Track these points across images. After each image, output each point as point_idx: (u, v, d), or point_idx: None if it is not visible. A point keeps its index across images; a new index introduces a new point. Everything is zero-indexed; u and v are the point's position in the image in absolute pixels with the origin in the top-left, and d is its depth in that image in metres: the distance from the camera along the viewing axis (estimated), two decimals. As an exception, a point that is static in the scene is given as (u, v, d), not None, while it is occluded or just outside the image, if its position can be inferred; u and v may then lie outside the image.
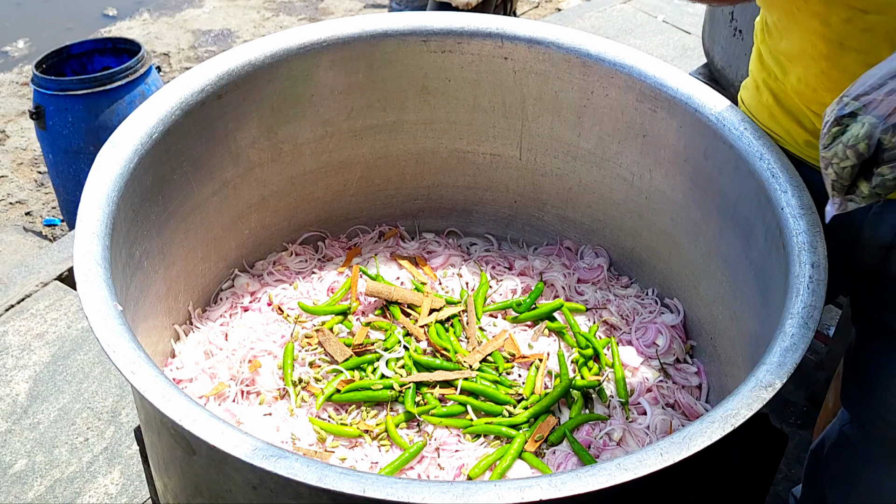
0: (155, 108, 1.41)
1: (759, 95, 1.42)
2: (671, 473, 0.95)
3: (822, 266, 1.20)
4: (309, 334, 1.59)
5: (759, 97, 1.42)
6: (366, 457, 1.38)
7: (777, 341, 1.10)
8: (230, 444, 0.95)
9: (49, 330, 2.40)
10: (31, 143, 3.93)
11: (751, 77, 1.46)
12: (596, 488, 0.91)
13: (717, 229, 1.51)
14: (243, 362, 1.54)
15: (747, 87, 1.48)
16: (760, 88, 1.41)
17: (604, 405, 1.51)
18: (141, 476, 2.02)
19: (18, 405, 2.19)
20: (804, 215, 1.27)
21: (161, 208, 1.45)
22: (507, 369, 1.53)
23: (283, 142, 1.67)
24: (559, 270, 1.79)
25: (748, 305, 1.40)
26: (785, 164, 1.35)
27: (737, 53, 2.15)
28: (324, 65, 1.62)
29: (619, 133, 1.65)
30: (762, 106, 1.41)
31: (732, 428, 0.98)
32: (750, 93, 1.46)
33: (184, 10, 5.15)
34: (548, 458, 1.39)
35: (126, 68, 2.99)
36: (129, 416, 2.17)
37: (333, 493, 0.91)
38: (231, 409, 1.46)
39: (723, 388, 1.52)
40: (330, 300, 1.68)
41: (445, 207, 1.92)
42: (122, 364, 1.03)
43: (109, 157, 1.32)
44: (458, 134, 1.80)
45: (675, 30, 4.16)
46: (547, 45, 1.62)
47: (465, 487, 0.91)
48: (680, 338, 1.65)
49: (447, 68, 1.69)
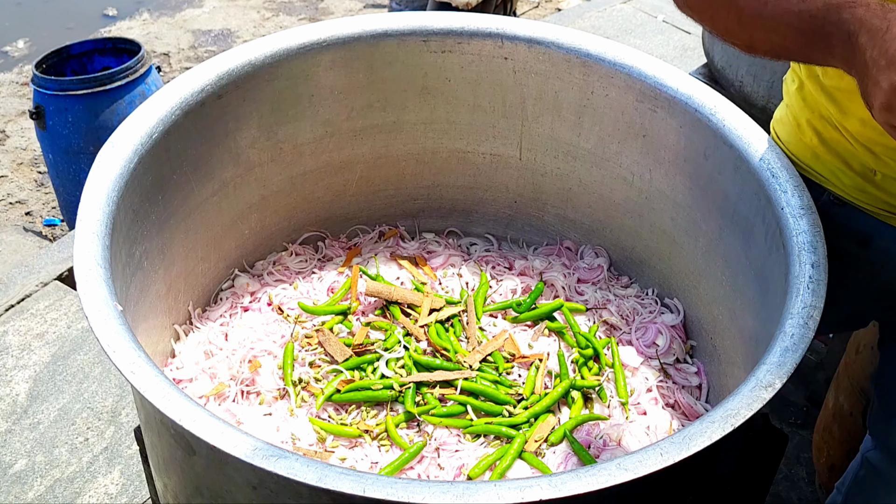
0: (155, 108, 1.41)
1: (800, 134, 1.36)
2: (671, 473, 0.95)
3: (822, 266, 1.20)
4: (309, 334, 1.59)
5: (801, 136, 1.36)
6: (366, 457, 1.38)
7: (777, 341, 1.10)
8: (230, 444, 0.95)
9: (49, 330, 2.40)
10: (31, 143, 3.93)
11: (789, 113, 1.39)
12: (596, 488, 0.91)
13: (717, 229, 1.51)
14: (243, 362, 1.54)
15: (783, 122, 1.41)
16: (803, 127, 1.35)
17: (604, 405, 1.51)
18: (141, 476, 2.02)
19: (18, 405, 2.20)
20: (804, 215, 1.27)
21: (161, 208, 1.45)
22: (507, 369, 1.53)
23: (283, 142, 1.67)
24: (559, 270, 1.79)
25: (748, 305, 1.40)
26: (785, 164, 1.35)
27: (737, 53, 2.15)
28: (324, 65, 1.62)
29: (619, 133, 1.65)
30: (804, 146, 1.36)
31: (732, 428, 0.98)
32: (788, 129, 1.40)
33: (184, 10, 5.15)
34: (548, 458, 1.39)
35: (126, 68, 2.99)
36: (129, 416, 2.17)
37: (333, 493, 0.91)
38: (231, 409, 1.46)
39: (723, 388, 1.53)
40: (330, 300, 1.68)
41: (445, 207, 1.92)
42: (122, 364, 1.03)
43: (109, 157, 1.32)
44: (458, 134, 1.80)
45: (675, 30, 4.16)
46: (547, 45, 1.62)
47: (465, 487, 0.91)
48: (680, 338, 1.65)
49: (447, 68, 1.69)
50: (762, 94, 2.08)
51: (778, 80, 2.02)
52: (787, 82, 1.43)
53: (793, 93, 1.38)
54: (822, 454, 2.04)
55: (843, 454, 1.96)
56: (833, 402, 1.99)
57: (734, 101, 1.49)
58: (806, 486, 2.13)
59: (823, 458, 2.04)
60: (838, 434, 1.97)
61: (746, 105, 2.07)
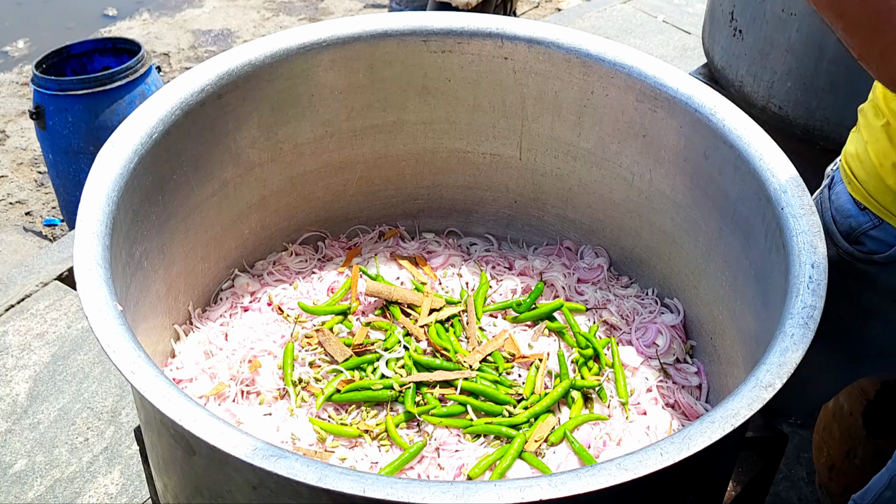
0: (155, 108, 1.41)
1: (882, 175, 1.29)
2: (671, 473, 0.95)
3: (822, 266, 1.19)
4: (309, 334, 1.59)
5: (884, 178, 1.29)
6: (366, 457, 1.38)
7: (777, 341, 1.10)
8: (230, 444, 0.95)
9: (49, 330, 2.40)
10: (31, 143, 3.93)
11: (869, 151, 1.31)
12: (596, 488, 0.91)
13: (717, 229, 1.51)
14: (243, 362, 1.54)
15: (861, 160, 1.33)
16: (885, 168, 1.28)
17: (604, 405, 1.51)
18: (141, 476, 2.02)
19: (18, 405, 2.20)
20: (804, 215, 1.27)
21: (161, 208, 1.45)
22: (507, 369, 1.53)
23: (283, 142, 1.67)
24: (559, 270, 1.79)
25: (748, 305, 1.40)
26: (785, 164, 1.35)
27: (737, 53, 2.15)
28: (324, 65, 1.62)
29: (619, 133, 1.65)
30: (886, 189, 1.29)
31: (732, 428, 0.98)
32: (867, 170, 1.32)
33: (184, 10, 5.15)
34: (548, 458, 1.39)
35: (126, 68, 2.99)
36: (129, 416, 2.17)
37: (333, 493, 0.91)
38: (231, 409, 1.46)
39: (723, 388, 1.53)
40: (330, 300, 1.68)
41: (445, 207, 1.92)
42: (122, 364, 1.03)
43: (109, 157, 1.32)
44: (458, 134, 1.80)
45: (675, 30, 4.16)
46: (547, 45, 1.62)
47: (465, 487, 0.91)
48: (680, 338, 1.65)
49: (447, 68, 1.69)
50: (762, 94, 2.08)
51: (778, 80, 2.02)
52: (866, 114, 1.34)
53: (876, 129, 1.30)
54: (822, 454, 2.04)
55: (843, 454, 1.96)
56: (833, 402, 1.99)
57: (734, 101, 1.49)
58: (806, 486, 2.13)
59: (823, 458, 2.04)
60: (838, 434, 1.97)
61: (746, 105, 2.07)
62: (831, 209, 1.41)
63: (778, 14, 1.96)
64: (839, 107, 1.96)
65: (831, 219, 1.40)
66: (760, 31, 2.03)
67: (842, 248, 1.38)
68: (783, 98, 2.03)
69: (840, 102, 1.95)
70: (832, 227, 1.39)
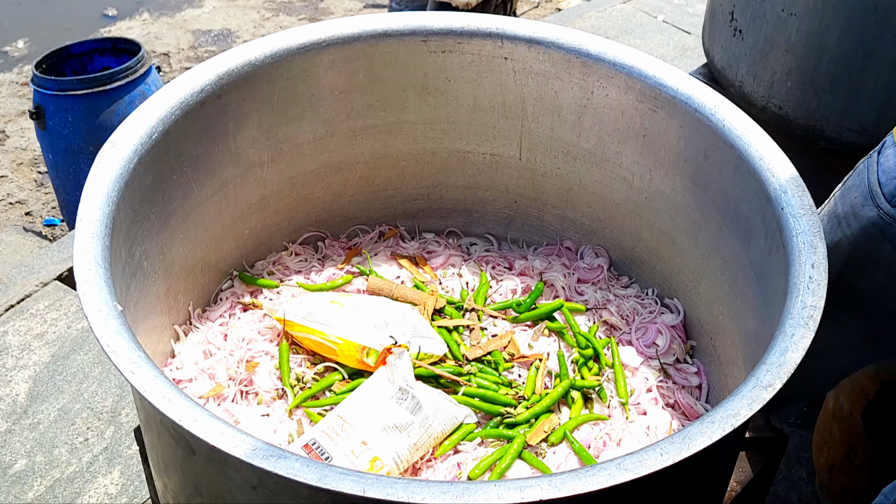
0: (155, 108, 1.41)
1: None
2: (671, 473, 0.95)
3: (822, 266, 1.19)
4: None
5: None
6: (366, 457, 1.38)
7: (777, 341, 1.10)
8: (230, 444, 0.95)
9: (49, 330, 2.40)
10: (31, 143, 3.93)
11: None
12: (596, 488, 0.92)
13: (717, 229, 1.51)
14: (241, 362, 1.54)
15: None
16: None
17: (604, 405, 1.51)
18: (141, 476, 2.02)
19: (18, 405, 2.19)
20: (804, 215, 1.27)
21: (161, 208, 1.45)
22: (507, 369, 1.53)
23: (283, 142, 1.67)
24: (559, 270, 1.79)
25: (748, 305, 1.40)
26: (785, 164, 1.35)
27: (737, 53, 2.15)
28: (324, 65, 1.62)
29: (619, 133, 1.65)
30: None
31: (732, 428, 0.98)
32: None
33: (184, 10, 5.15)
34: (548, 458, 1.39)
35: (126, 68, 2.99)
36: (129, 416, 2.17)
37: (333, 493, 0.91)
38: (230, 410, 1.46)
39: (723, 388, 1.52)
40: (329, 283, 1.71)
41: (445, 207, 1.92)
42: (122, 364, 1.03)
43: (109, 157, 1.32)
44: (458, 134, 1.80)
45: (675, 30, 4.16)
46: (547, 45, 1.62)
47: (465, 487, 0.91)
48: (680, 338, 1.65)
49: (447, 68, 1.69)
50: (762, 94, 2.08)
51: (778, 80, 2.02)
52: None
53: None
54: (822, 454, 2.04)
55: (843, 454, 1.96)
56: (833, 402, 1.99)
57: (734, 101, 1.49)
58: (806, 486, 2.13)
59: (823, 458, 2.04)
60: (838, 434, 1.97)
61: (746, 105, 2.07)
62: (878, 170, 1.38)
63: (778, 14, 1.95)
64: (839, 107, 1.96)
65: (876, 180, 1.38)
66: (760, 31, 2.02)
67: (883, 209, 1.36)
68: (783, 98, 2.03)
69: (840, 102, 1.95)
70: (875, 189, 1.37)
